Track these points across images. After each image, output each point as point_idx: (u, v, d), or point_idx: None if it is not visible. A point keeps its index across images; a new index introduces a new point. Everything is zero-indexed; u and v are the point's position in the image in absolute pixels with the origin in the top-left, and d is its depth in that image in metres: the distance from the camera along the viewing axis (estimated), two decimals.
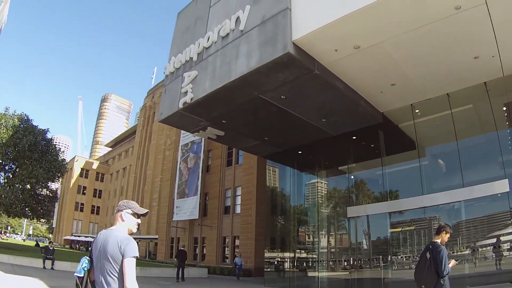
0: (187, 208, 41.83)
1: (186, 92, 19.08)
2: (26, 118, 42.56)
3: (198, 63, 19.20)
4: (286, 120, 20.99)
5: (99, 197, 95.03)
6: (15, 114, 42.13)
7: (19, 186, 38.91)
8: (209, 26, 19.79)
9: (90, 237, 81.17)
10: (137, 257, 4.17)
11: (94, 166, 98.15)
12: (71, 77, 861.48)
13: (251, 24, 16.87)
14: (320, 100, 19.02)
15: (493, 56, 16.15)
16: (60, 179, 50.43)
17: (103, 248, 4.16)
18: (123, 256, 4.04)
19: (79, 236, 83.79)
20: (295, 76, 16.44)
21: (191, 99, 18.65)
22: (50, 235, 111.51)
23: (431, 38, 14.91)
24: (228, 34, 17.96)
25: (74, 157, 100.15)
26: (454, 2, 12.87)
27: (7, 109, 42.10)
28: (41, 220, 46.85)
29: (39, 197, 43.34)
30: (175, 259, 29.61)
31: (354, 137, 23.98)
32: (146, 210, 4.80)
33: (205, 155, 43.14)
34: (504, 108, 20.01)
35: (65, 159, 47.69)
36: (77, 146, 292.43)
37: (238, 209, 37.18)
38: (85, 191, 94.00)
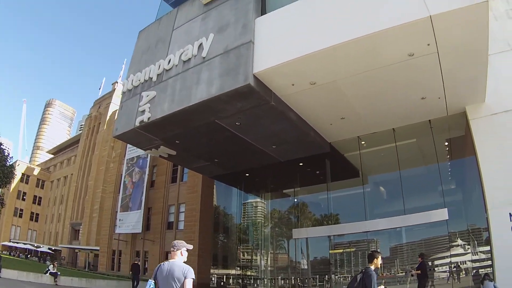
0: (130, 222, 41.65)
1: (143, 111, 19.30)
2: None
3: (158, 84, 19.49)
4: (238, 144, 21.53)
5: (39, 204, 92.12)
6: None
7: None
8: (170, 49, 20.11)
9: (29, 244, 78.94)
10: (193, 278, 6.20)
11: (35, 172, 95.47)
12: (16, 80, 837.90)
13: (213, 52, 17.40)
14: (273, 128, 19.72)
15: (439, 98, 17.55)
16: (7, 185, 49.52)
17: (170, 273, 6.22)
18: (185, 278, 6.12)
19: (17, 243, 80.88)
20: (252, 105, 17.09)
21: (148, 118, 18.91)
22: None
23: (382, 79, 16.05)
24: (190, 59, 18.39)
25: (15, 161, 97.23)
26: (408, 50, 14.02)
27: None
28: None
29: None
30: (130, 272, 31.32)
31: (301, 164, 24.91)
32: (192, 246, 7.04)
33: (150, 170, 43.21)
34: (446, 143, 21.61)
35: (13, 166, 46.89)
36: (17, 150, 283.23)
37: (181, 225, 37.33)
38: (24, 197, 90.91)
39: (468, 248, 19.67)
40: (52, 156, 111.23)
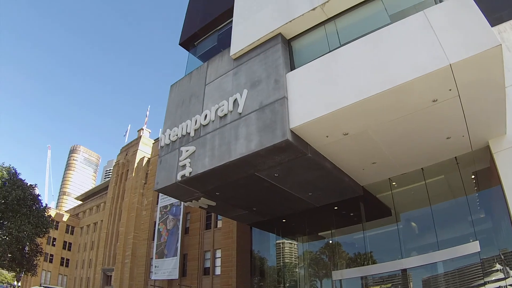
0: (166, 268, 41.96)
1: (184, 166, 20.09)
2: (14, 171, 43.14)
3: (196, 139, 20.32)
4: (275, 193, 22.12)
5: (69, 249, 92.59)
6: (4, 166, 42.69)
7: (7, 238, 39.08)
8: (205, 104, 21.09)
9: None
10: None
11: (65, 218, 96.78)
12: (40, 125, 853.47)
13: (249, 108, 18.29)
14: (309, 177, 20.37)
15: (463, 136, 18.17)
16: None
17: None
18: None
19: None
20: (290, 158, 17.80)
21: (190, 173, 19.65)
22: (17, 283, 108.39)
23: (409, 125, 16.85)
24: (226, 115, 19.29)
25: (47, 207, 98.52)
26: (431, 97, 14.88)
27: None
28: (27, 273, 46.80)
29: (25, 251, 43.56)
30: None
31: (336, 207, 25.44)
32: None
33: (183, 217, 43.73)
34: (473, 176, 21.94)
35: (51, 215, 48.01)
36: (44, 195, 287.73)
37: (218, 271, 37.54)
38: (54, 242, 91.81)
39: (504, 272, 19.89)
40: (81, 202, 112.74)
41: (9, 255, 38.60)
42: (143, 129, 76.09)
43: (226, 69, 21.45)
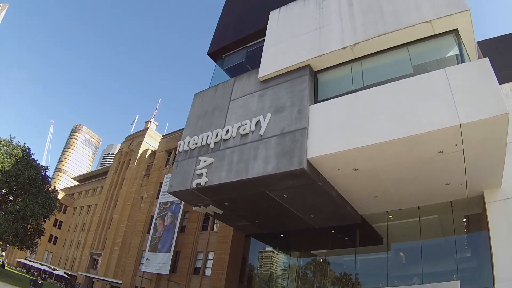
0: (158, 263, 42.95)
1: (200, 175, 21.24)
2: (27, 150, 44.13)
3: (215, 152, 21.50)
4: (280, 211, 23.28)
5: (59, 228, 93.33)
6: (19, 144, 43.66)
7: (13, 215, 39.96)
8: (228, 120, 22.33)
9: (47, 265, 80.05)
10: None
11: (59, 197, 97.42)
12: (45, 102, 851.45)
13: (270, 132, 19.57)
14: (314, 201, 21.67)
15: (461, 184, 19.56)
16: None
17: None
18: None
19: (34, 262, 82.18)
20: (301, 184, 19.08)
21: (205, 182, 20.82)
22: (1, 252, 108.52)
23: (414, 168, 18.29)
24: (247, 134, 20.52)
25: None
26: (438, 149, 16.36)
27: (12, 137, 43.70)
28: (26, 250, 47.65)
29: (28, 230, 44.43)
30: None
31: (333, 231, 26.87)
32: None
33: (182, 216, 44.78)
34: (464, 219, 23.30)
35: (58, 198, 48.79)
36: None
37: (208, 272, 38.47)
38: (45, 219, 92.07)
39: None
40: (77, 183, 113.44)
41: (13, 231, 39.36)
42: (150, 121, 76.98)
43: (252, 89, 22.72)
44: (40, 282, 30.10)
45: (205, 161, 21.54)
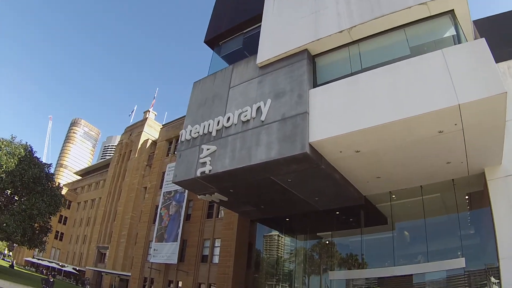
0: (166, 253, 43.13)
1: (204, 163, 21.44)
2: (30, 149, 44.19)
3: (217, 140, 21.68)
4: (285, 195, 23.49)
5: (64, 223, 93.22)
6: (21, 143, 43.74)
7: (20, 215, 40.09)
8: (228, 107, 22.48)
9: (55, 262, 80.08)
10: None
11: (63, 192, 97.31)
12: (42, 97, 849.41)
13: (271, 118, 19.75)
14: (318, 185, 21.93)
15: (462, 162, 19.93)
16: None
17: None
18: None
19: (42, 260, 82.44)
20: (304, 168, 19.33)
21: (210, 171, 21.02)
22: (8, 253, 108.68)
23: (415, 149, 18.58)
24: (248, 120, 20.71)
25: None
26: (438, 129, 16.62)
27: (13, 137, 43.75)
28: (34, 249, 47.87)
29: (36, 228, 44.60)
30: None
31: (337, 212, 27.15)
32: None
33: (186, 204, 44.90)
34: (467, 197, 23.65)
35: (63, 195, 48.83)
36: None
37: (216, 259, 38.60)
38: (50, 216, 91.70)
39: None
40: (80, 177, 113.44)
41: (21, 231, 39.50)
42: (149, 111, 76.85)
43: (251, 75, 22.84)
44: (52, 280, 30.20)
45: (208, 149, 21.70)
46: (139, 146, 68.85)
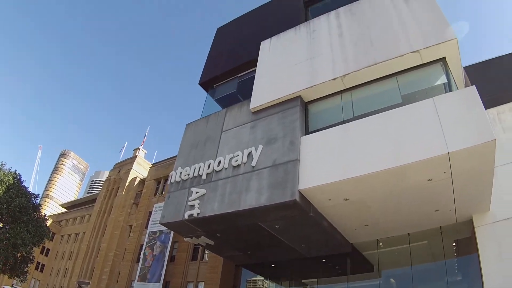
0: None
1: (192, 206, 21.21)
2: (18, 177, 43.99)
3: (207, 183, 21.52)
4: (272, 241, 23.21)
5: (46, 255, 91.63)
6: (10, 171, 43.55)
7: (3, 243, 39.67)
8: (220, 151, 22.45)
9: None
10: None
11: (47, 223, 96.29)
12: (33, 127, 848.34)
13: (262, 164, 19.73)
14: (305, 232, 21.73)
15: (450, 210, 19.89)
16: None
17: None
18: None
19: None
20: (293, 215, 19.16)
21: (198, 214, 20.78)
22: None
23: (403, 197, 18.59)
24: (239, 165, 20.63)
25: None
26: (428, 177, 16.67)
27: (3, 164, 43.56)
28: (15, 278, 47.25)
29: (18, 258, 44.11)
30: None
31: (324, 260, 26.81)
32: None
33: (171, 245, 44.35)
34: (454, 244, 23.59)
35: (48, 227, 48.44)
36: None
37: None
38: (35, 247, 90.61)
39: None
40: (65, 210, 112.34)
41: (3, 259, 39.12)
42: (139, 149, 76.71)
43: (244, 120, 22.97)
44: None
45: (197, 192, 21.57)
46: (127, 183, 68.40)
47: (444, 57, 18.74)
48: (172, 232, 42.54)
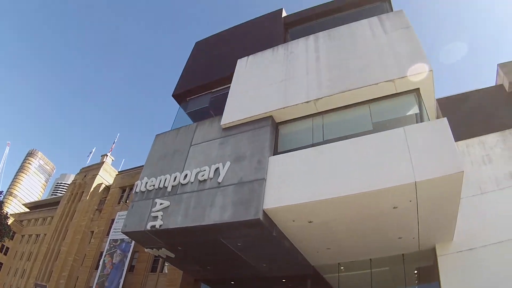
0: None
1: (156, 217, 20.94)
2: None
3: (172, 195, 21.32)
4: (233, 259, 23.03)
5: (5, 254, 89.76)
6: None
7: None
8: (187, 164, 22.31)
9: None
10: None
11: (8, 222, 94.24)
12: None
13: (229, 180, 19.67)
14: (267, 251, 21.65)
15: (414, 238, 20.05)
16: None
17: None
18: None
19: None
20: (256, 233, 19.12)
21: (160, 226, 20.51)
22: None
23: (368, 222, 18.72)
24: (205, 180, 20.53)
25: None
26: (393, 204, 16.88)
27: None
28: None
29: None
30: None
31: (284, 280, 26.65)
32: None
33: (131, 255, 43.89)
34: (415, 271, 23.82)
35: (9, 225, 47.61)
36: None
37: None
38: None
39: None
40: (28, 210, 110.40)
41: None
42: (107, 155, 76.03)
43: (214, 136, 22.93)
44: None
45: (161, 204, 21.34)
46: (92, 189, 67.64)
47: (418, 88, 19.12)
48: (133, 242, 42.06)
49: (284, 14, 31.56)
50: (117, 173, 65.91)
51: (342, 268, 25.04)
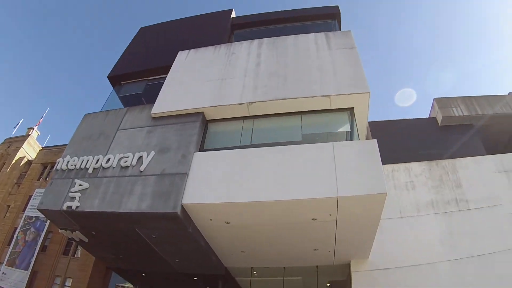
0: (14, 280, 40.16)
1: (73, 198, 20.27)
2: None
3: (92, 178, 20.76)
4: (146, 250, 22.73)
5: None
6: None
7: None
8: (111, 148, 21.78)
9: None
10: None
11: None
12: None
13: (151, 170, 19.40)
14: (181, 247, 21.48)
15: (329, 251, 20.61)
16: None
17: None
18: None
19: None
20: (171, 227, 18.92)
21: (76, 207, 19.89)
22: None
23: (286, 231, 19.01)
24: (127, 167, 20.15)
25: None
26: (312, 216, 17.20)
27: None
28: None
29: None
30: None
31: (195, 278, 26.64)
32: None
33: (45, 235, 42.57)
34: (328, 284, 24.46)
35: None
36: None
37: None
38: None
39: None
40: None
41: None
42: (33, 129, 73.26)
43: (142, 123, 22.58)
44: None
45: (80, 185, 20.73)
46: (14, 161, 64.82)
47: (353, 108, 19.67)
48: (48, 221, 40.84)
49: (233, 15, 31.66)
50: (41, 148, 63.48)
51: (255, 272, 25.31)
